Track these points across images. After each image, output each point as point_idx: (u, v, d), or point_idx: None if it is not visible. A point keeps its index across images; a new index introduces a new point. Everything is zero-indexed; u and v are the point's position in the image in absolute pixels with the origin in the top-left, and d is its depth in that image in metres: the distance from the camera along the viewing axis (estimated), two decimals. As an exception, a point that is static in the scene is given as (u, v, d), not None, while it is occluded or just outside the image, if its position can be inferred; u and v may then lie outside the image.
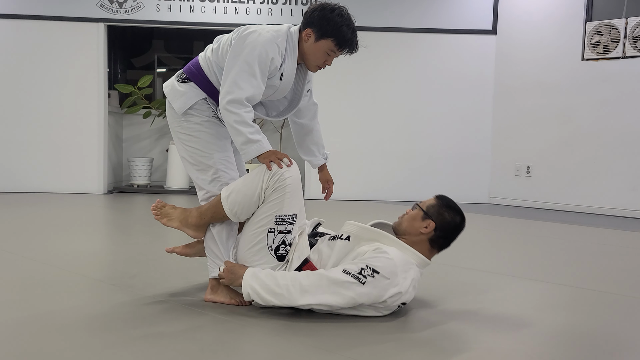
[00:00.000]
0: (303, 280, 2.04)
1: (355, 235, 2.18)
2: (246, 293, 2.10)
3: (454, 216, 2.20)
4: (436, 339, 1.94)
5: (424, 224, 2.18)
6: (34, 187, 6.41)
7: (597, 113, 5.83)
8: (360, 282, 1.99)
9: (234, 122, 2.15)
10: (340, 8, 2.26)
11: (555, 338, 2.01)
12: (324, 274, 2.04)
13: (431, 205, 2.22)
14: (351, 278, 2.00)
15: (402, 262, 2.07)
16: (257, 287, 2.07)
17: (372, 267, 2.01)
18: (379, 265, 2.02)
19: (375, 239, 2.16)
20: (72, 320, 2.04)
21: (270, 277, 2.08)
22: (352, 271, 2.01)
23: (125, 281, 2.61)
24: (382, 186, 6.60)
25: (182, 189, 6.82)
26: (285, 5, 6.41)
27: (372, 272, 2.00)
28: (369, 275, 2.00)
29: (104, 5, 6.33)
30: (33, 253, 3.19)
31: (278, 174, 2.13)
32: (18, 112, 6.36)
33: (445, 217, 2.19)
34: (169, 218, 2.35)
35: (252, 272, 2.11)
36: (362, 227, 2.20)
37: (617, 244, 4.14)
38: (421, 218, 2.20)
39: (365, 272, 2.00)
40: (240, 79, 2.16)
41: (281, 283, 2.05)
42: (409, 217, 2.22)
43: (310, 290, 2.02)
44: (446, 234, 2.21)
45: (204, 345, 1.82)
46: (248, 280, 2.09)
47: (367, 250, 2.11)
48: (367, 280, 1.99)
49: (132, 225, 4.62)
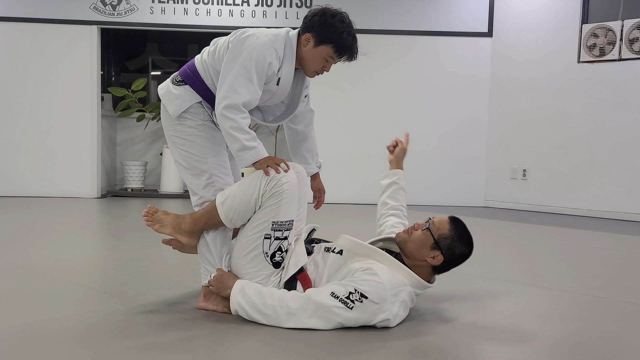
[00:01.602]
0: (290, 303, 2.00)
1: (348, 250, 2.14)
2: (233, 309, 2.09)
3: (464, 250, 2.11)
4: (431, 346, 1.91)
5: (431, 253, 2.09)
6: (25, 190, 6.35)
7: (594, 116, 5.82)
8: (347, 307, 1.96)
9: (230, 128, 2.11)
10: (341, 14, 2.22)
11: (553, 346, 1.99)
12: (311, 298, 2.00)
13: (444, 235, 2.09)
14: (339, 303, 1.96)
15: (392, 285, 2.01)
16: (244, 304, 2.05)
17: (361, 291, 1.97)
18: (367, 290, 1.97)
19: (369, 255, 2.11)
20: (61, 330, 2.00)
21: (258, 295, 2.05)
22: (340, 295, 1.97)
23: (116, 288, 2.57)
24: (378, 189, 6.55)
25: (176, 193, 6.78)
26: (280, 8, 6.38)
27: (361, 296, 1.96)
28: (357, 300, 1.96)
29: (98, 8, 6.28)
30: (22, 259, 3.14)
31: (275, 179, 2.10)
32: (10, 115, 6.30)
33: (455, 252, 2.09)
34: (161, 224, 2.30)
35: (240, 287, 2.08)
36: (356, 242, 2.15)
37: (613, 247, 4.13)
38: (430, 247, 2.09)
39: (353, 296, 1.96)
40: (237, 84, 2.12)
41: (268, 303, 2.02)
42: (418, 241, 2.11)
43: (297, 313, 1.99)
44: (451, 265, 2.14)
45: (196, 356, 1.78)
46: (236, 296, 2.07)
47: (359, 269, 2.05)
48: (354, 305, 1.96)
49: (126, 230, 4.57)
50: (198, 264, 2.34)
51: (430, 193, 6.36)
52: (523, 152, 6.28)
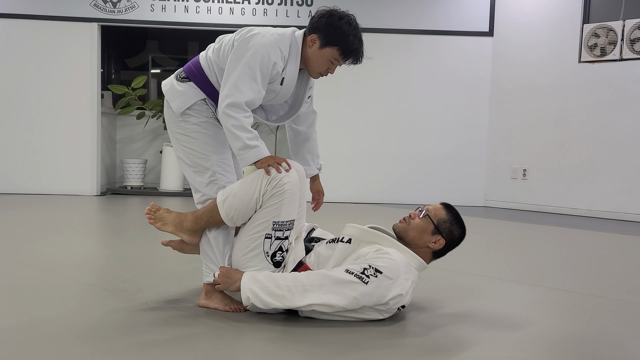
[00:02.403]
0: (304, 280, 2.00)
1: (357, 238, 2.15)
2: (245, 297, 2.04)
3: (461, 232, 2.21)
4: (434, 345, 1.91)
5: (433, 238, 2.16)
6: (25, 188, 6.33)
7: (594, 116, 5.81)
8: (363, 282, 1.97)
9: (232, 126, 2.11)
10: (348, 16, 2.21)
11: (554, 346, 1.98)
12: (326, 274, 2.01)
13: (442, 220, 2.17)
14: (354, 277, 1.97)
15: (404, 263, 2.06)
16: (257, 289, 2.02)
17: (375, 267, 1.99)
18: (382, 265, 2.00)
19: (375, 241, 2.14)
20: (61, 327, 1.99)
21: (270, 278, 2.04)
22: (355, 271, 1.99)
23: (116, 286, 2.56)
24: (377, 189, 6.56)
25: (176, 191, 6.76)
26: (281, 6, 6.37)
27: (375, 272, 1.98)
28: (372, 275, 1.98)
29: (98, 5, 6.27)
30: (23, 256, 3.13)
31: (277, 179, 2.09)
32: (9, 112, 6.29)
33: (455, 234, 2.19)
34: (163, 222, 2.30)
35: (251, 275, 2.08)
36: (363, 229, 2.18)
37: (613, 247, 4.12)
38: (431, 232, 2.16)
39: (368, 271, 1.98)
40: (241, 83, 2.12)
41: (282, 284, 2.01)
42: (419, 228, 2.17)
43: (312, 289, 1.98)
44: (451, 247, 2.22)
45: (198, 354, 1.77)
46: (247, 284, 2.04)
47: (369, 252, 2.09)
48: (370, 280, 1.97)
49: (125, 227, 4.57)
50: (199, 261, 2.34)
51: (430, 192, 6.35)
52: (523, 152, 6.28)
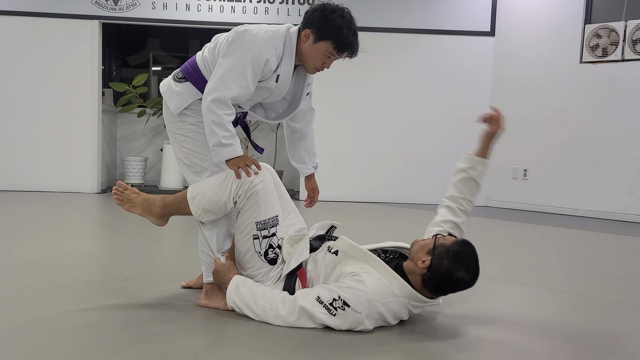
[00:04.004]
0: (279, 306, 2.05)
1: (343, 252, 2.12)
2: (229, 304, 2.16)
3: (456, 270, 1.97)
4: (435, 346, 1.90)
5: (424, 257, 2.01)
6: (26, 185, 6.34)
7: (595, 116, 5.81)
8: (330, 314, 1.99)
9: (211, 122, 2.12)
10: (342, 9, 2.19)
11: (554, 346, 1.98)
12: (297, 303, 2.03)
13: (443, 245, 2.01)
14: (322, 309, 1.99)
15: (378, 295, 1.97)
16: (238, 301, 2.13)
17: (344, 299, 1.97)
18: (350, 298, 1.96)
19: (364, 259, 2.08)
20: (61, 326, 1.99)
21: (251, 294, 2.11)
22: (325, 300, 1.99)
23: (117, 284, 2.56)
24: (377, 188, 6.56)
25: (176, 189, 6.76)
26: (282, 5, 6.36)
27: (343, 304, 1.97)
28: (339, 307, 1.97)
29: (99, 2, 6.26)
30: (23, 254, 3.13)
31: (247, 182, 2.13)
32: (10, 109, 6.29)
33: (444, 264, 1.97)
34: (131, 204, 2.34)
35: (235, 285, 2.14)
36: (353, 245, 2.12)
37: (614, 248, 4.12)
38: (427, 251, 2.02)
39: (336, 303, 1.98)
40: (228, 77, 2.11)
41: (259, 304, 2.08)
42: (423, 244, 2.07)
43: (284, 316, 2.04)
44: (437, 280, 1.99)
45: (198, 353, 1.77)
46: (231, 293, 2.15)
47: (349, 273, 2.04)
48: (337, 312, 1.98)
49: (126, 225, 4.56)
50: (199, 260, 2.34)
51: (430, 192, 6.34)
52: (524, 152, 6.27)
